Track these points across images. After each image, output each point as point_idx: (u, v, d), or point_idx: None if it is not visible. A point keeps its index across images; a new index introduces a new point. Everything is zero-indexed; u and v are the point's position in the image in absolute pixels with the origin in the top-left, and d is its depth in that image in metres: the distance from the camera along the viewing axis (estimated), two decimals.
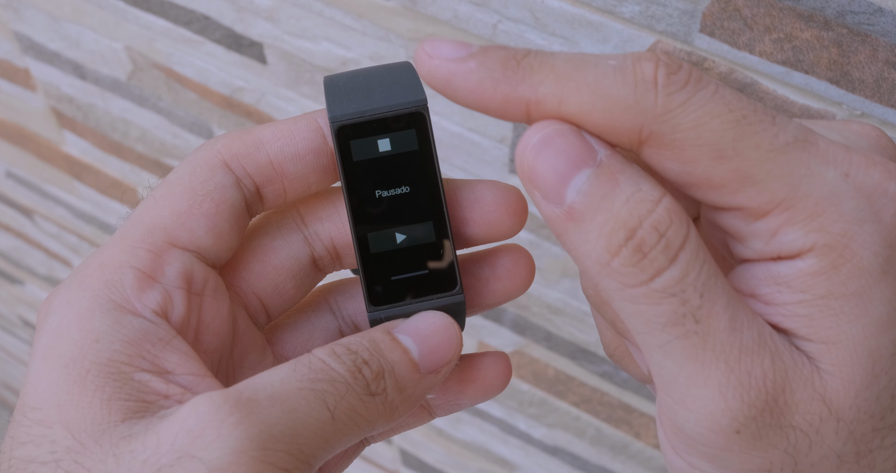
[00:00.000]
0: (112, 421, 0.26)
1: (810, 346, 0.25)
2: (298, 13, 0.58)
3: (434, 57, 0.26)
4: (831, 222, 0.24)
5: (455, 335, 0.30)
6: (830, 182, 0.24)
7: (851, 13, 0.38)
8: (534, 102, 0.25)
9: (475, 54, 0.26)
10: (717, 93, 0.24)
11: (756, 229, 0.25)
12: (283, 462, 0.25)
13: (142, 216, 0.29)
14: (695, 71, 0.25)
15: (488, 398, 0.33)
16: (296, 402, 0.26)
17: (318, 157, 0.30)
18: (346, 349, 0.28)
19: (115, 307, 0.27)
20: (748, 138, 0.24)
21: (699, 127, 0.24)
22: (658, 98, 0.24)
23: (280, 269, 0.32)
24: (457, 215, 0.31)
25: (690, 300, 0.24)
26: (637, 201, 0.24)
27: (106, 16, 0.69)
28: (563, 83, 0.25)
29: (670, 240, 0.24)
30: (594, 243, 0.24)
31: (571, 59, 0.25)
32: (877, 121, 0.41)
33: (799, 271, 0.24)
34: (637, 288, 0.24)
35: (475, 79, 0.25)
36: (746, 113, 0.24)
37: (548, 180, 0.25)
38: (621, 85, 0.24)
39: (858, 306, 0.24)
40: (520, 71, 0.25)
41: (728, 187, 0.24)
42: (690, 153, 0.24)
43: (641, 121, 0.24)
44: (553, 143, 0.25)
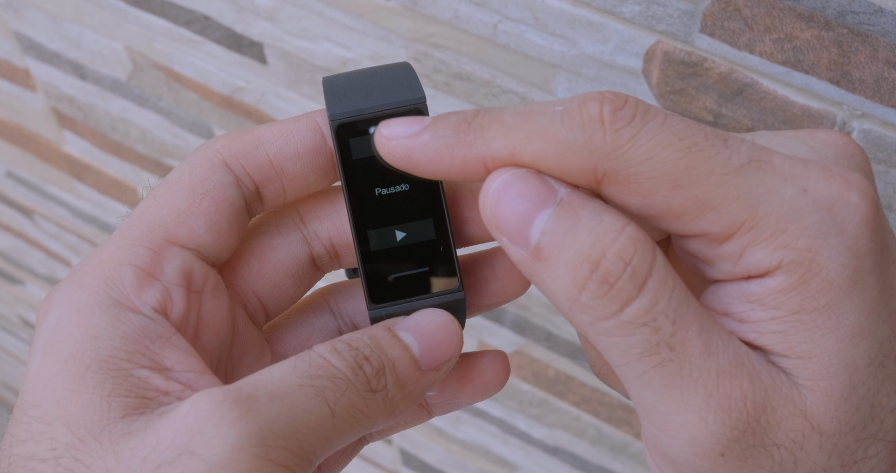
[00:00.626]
0: (111, 418, 0.26)
1: (787, 362, 0.25)
2: (298, 13, 0.58)
3: (391, 138, 0.27)
4: (795, 238, 0.24)
5: (456, 332, 0.30)
6: (790, 199, 0.24)
7: (851, 13, 0.38)
8: (489, 159, 0.26)
9: (428, 126, 0.27)
10: (665, 124, 0.24)
11: (722, 252, 0.25)
12: (283, 459, 0.25)
13: (141, 215, 0.29)
14: (641, 104, 0.25)
15: (487, 396, 0.33)
16: (296, 398, 0.26)
17: (317, 156, 0.31)
18: (347, 345, 0.28)
19: (114, 304, 0.27)
20: (701, 164, 0.24)
21: (651, 159, 0.24)
22: (606, 136, 0.24)
23: (279, 268, 0.32)
24: (456, 213, 0.31)
25: (662, 327, 0.24)
26: (599, 232, 0.24)
27: (106, 16, 0.69)
28: (513, 135, 0.25)
29: (636, 268, 0.24)
30: (561, 281, 0.24)
31: (519, 111, 0.26)
32: (877, 121, 0.41)
33: (769, 288, 0.24)
34: (608, 320, 0.24)
35: (432, 149, 0.26)
36: (697, 140, 0.24)
37: (511, 224, 0.25)
38: (569, 128, 0.24)
39: (831, 318, 0.24)
40: (471, 132, 0.26)
41: (689, 214, 0.24)
42: (646, 186, 0.24)
43: (594, 160, 0.24)
44: (512, 187, 0.25)
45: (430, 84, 0.56)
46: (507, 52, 0.50)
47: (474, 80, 0.53)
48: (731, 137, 0.25)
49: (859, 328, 0.24)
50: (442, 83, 0.55)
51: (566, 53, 0.48)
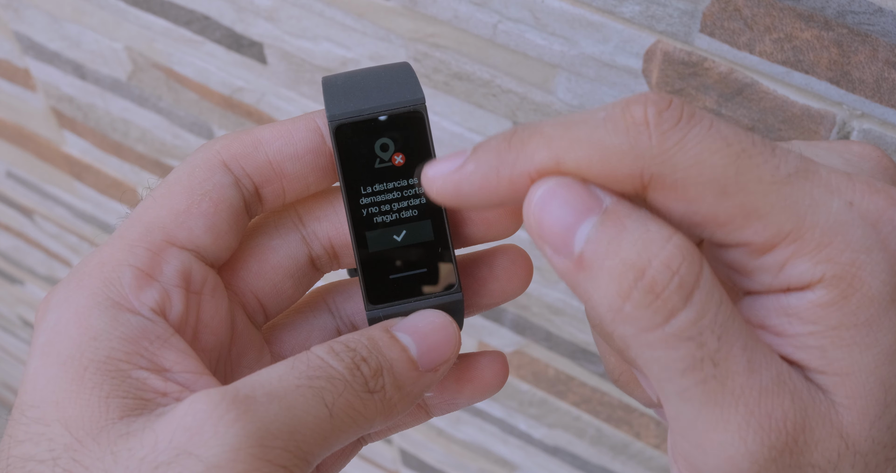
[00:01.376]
0: (110, 419, 0.26)
1: (823, 378, 0.24)
2: (298, 13, 0.58)
3: (437, 177, 0.26)
4: (839, 252, 0.24)
5: (454, 333, 0.30)
6: (836, 211, 0.24)
7: (851, 13, 0.38)
8: (535, 173, 0.25)
9: (469, 157, 0.26)
10: (713, 127, 0.24)
11: (763, 263, 0.24)
12: (281, 459, 0.25)
13: (140, 216, 0.29)
14: (687, 106, 0.24)
15: (485, 397, 0.33)
16: (294, 399, 0.26)
17: (316, 157, 0.30)
18: (345, 346, 0.28)
19: (113, 305, 0.27)
20: (750, 172, 0.24)
21: (699, 164, 0.23)
22: (653, 139, 0.24)
23: (278, 268, 0.32)
24: (455, 213, 0.31)
25: (708, 342, 0.23)
26: (645, 241, 0.23)
27: (106, 16, 0.69)
28: (556, 145, 0.25)
29: (683, 277, 0.23)
30: (605, 290, 0.24)
31: (560, 121, 0.25)
32: (877, 121, 0.41)
33: (809, 302, 0.24)
34: (653, 332, 0.23)
35: (479, 177, 0.26)
36: (745, 146, 0.24)
37: (555, 233, 0.24)
38: (613, 133, 0.24)
39: (869, 335, 0.24)
40: (512, 150, 0.25)
41: (734, 222, 0.24)
42: (693, 192, 0.24)
43: (640, 165, 0.24)
44: (556, 195, 0.24)
45: (430, 84, 0.55)
46: (507, 52, 0.50)
47: (474, 80, 0.53)
48: (778, 146, 0.24)
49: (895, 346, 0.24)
50: (442, 83, 0.55)
51: (566, 53, 0.48)
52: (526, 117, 0.53)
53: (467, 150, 0.26)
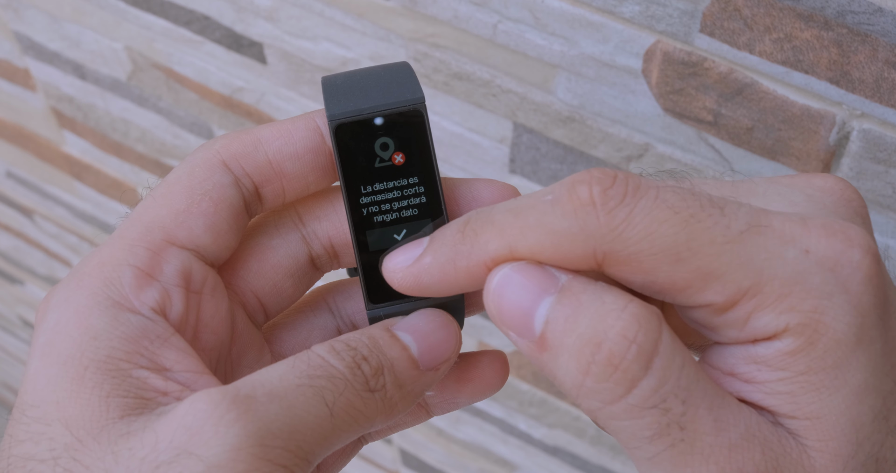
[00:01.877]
0: (110, 418, 0.26)
1: (794, 423, 0.25)
2: (298, 13, 0.58)
3: (396, 270, 0.28)
4: (800, 301, 0.24)
5: (454, 332, 0.30)
6: (792, 261, 0.24)
7: (851, 13, 0.38)
8: (490, 262, 0.26)
9: (426, 249, 0.27)
10: (659, 198, 0.24)
11: (727, 319, 0.25)
12: (282, 459, 0.25)
13: (140, 215, 0.29)
14: (631, 179, 0.24)
15: (485, 396, 0.33)
16: (294, 398, 0.26)
17: (316, 156, 0.30)
18: (346, 345, 0.28)
19: (113, 304, 0.27)
20: (701, 236, 0.24)
21: (649, 236, 0.24)
22: (600, 218, 0.24)
23: (278, 268, 0.32)
24: (455, 212, 0.31)
25: (673, 407, 0.23)
26: (601, 314, 0.24)
27: (106, 16, 0.69)
28: (507, 233, 0.25)
29: (641, 345, 0.23)
30: (566, 367, 0.24)
31: (509, 208, 0.26)
32: (876, 121, 0.41)
33: (777, 350, 0.24)
34: (616, 404, 0.24)
35: (437, 270, 0.27)
36: (693, 211, 0.24)
37: (515, 317, 0.25)
38: (562, 217, 0.24)
39: (838, 377, 0.24)
40: (466, 241, 0.26)
41: (693, 286, 0.24)
42: (648, 263, 0.24)
43: (592, 245, 0.24)
44: (512, 280, 0.25)
45: (430, 84, 0.56)
46: (506, 52, 0.50)
47: (474, 80, 0.53)
48: (727, 204, 0.25)
49: (864, 385, 0.24)
50: (442, 83, 0.55)
51: (566, 53, 0.48)
52: (526, 117, 0.53)
53: (424, 240, 0.28)
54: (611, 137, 0.51)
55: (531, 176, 0.57)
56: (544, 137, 0.54)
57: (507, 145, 0.56)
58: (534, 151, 0.55)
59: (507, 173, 0.58)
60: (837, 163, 0.44)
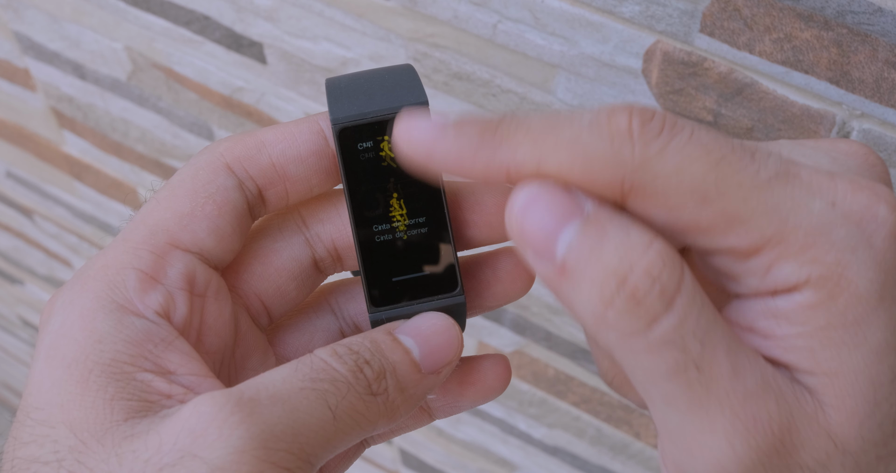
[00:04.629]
0: (114, 421, 0.26)
1: (812, 379, 0.24)
2: (298, 13, 0.58)
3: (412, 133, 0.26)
4: (824, 253, 0.24)
5: (456, 335, 0.30)
6: (818, 213, 0.24)
7: (851, 13, 0.38)
8: (514, 166, 0.25)
9: (452, 125, 0.26)
10: (693, 136, 0.24)
11: (749, 267, 0.25)
12: (285, 462, 0.25)
13: (144, 218, 0.29)
14: (669, 117, 0.24)
15: (488, 400, 0.33)
16: (297, 402, 0.26)
17: (319, 159, 0.30)
18: (348, 349, 0.28)
19: (117, 307, 0.27)
20: (730, 178, 0.24)
21: (679, 173, 0.24)
22: (635, 148, 0.24)
23: (281, 271, 0.32)
24: (458, 216, 0.31)
25: (691, 347, 0.23)
26: (627, 247, 0.23)
27: (106, 16, 0.69)
28: (540, 144, 0.25)
29: (664, 284, 0.23)
30: (587, 296, 0.24)
31: (546, 119, 0.25)
32: (876, 121, 0.41)
33: (797, 304, 0.24)
34: (636, 338, 0.23)
35: (454, 149, 0.25)
36: (725, 153, 0.24)
37: (537, 238, 0.24)
38: (597, 139, 0.24)
39: (858, 334, 0.24)
40: (496, 137, 0.25)
41: (716, 229, 0.24)
42: (674, 200, 0.24)
43: (622, 173, 0.24)
44: (538, 200, 0.25)
45: (430, 84, 0.56)
46: (506, 52, 0.50)
47: (474, 80, 0.53)
48: (758, 150, 0.25)
49: (885, 344, 0.24)
50: (442, 83, 0.55)
51: (566, 53, 0.48)
52: None
53: (448, 114, 0.26)
54: None
55: None
56: None
57: None
58: None
59: None
60: None
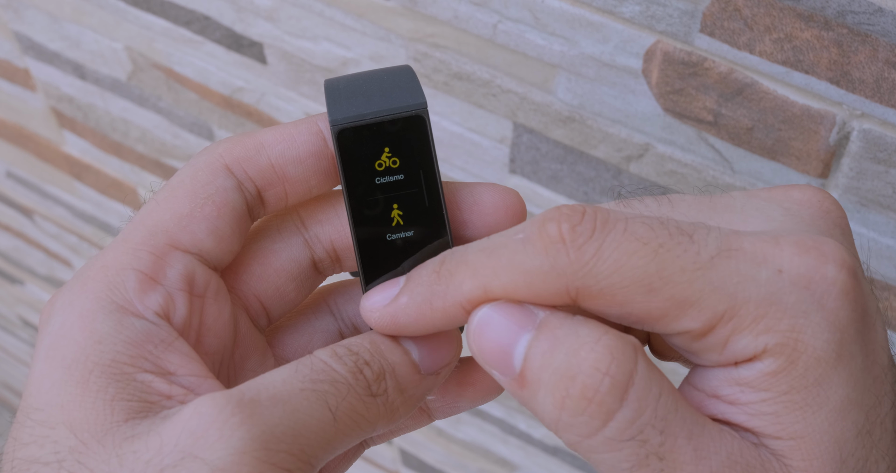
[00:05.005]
0: (115, 422, 0.26)
1: (778, 443, 0.25)
2: (298, 13, 0.58)
3: (374, 310, 0.28)
4: (777, 321, 0.24)
5: (455, 336, 0.30)
6: (765, 282, 0.24)
7: (851, 13, 0.38)
8: (465, 302, 0.26)
9: (403, 288, 0.27)
10: (627, 230, 0.24)
11: (706, 344, 0.25)
12: (285, 463, 0.25)
13: (144, 219, 0.29)
14: (599, 213, 0.24)
15: (487, 400, 0.33)
16: (297, 403, 0.26)
17: (319, 160, 0.30)
18: (348, 350, 0.28)
19: (117, 308, 0.27)
20: (671, 264, 0.24)
21: (620, 270, 0.24)
22: (570, 255, 0.24)
23: (280, 272, 0.32)
24: (456, 217, 0.31)
25: (650, 439, 0.23)
26: (575, 347, 0.24)
27: (106, 16, 0.69)
28: (481, 273, 0.25)
29: (614, 377, 0.23)
30: (543, 403, 0.24)
31: (482, 247, 0.26)
32: (877, 121, 0.41)
33: (758, 371, 0.24)
34: (594, 437, 0.24)
35: (413, 309, 0.27)
36: (662, 240, 0.24)
37: (495, 356, 0.25)
38: (532, 255, 0.24)
39: (819, 395, 0.24)
40: (441, 281, 0.26)
41: (668, 315, 0.24)
42: (621, 296, 0.24)
43: (564, 282, 0.24)
44: (491, 319, 0.25)
45: (430, 84, 0.56)
46: (506, 52, 0.50)
47: (474, 80, 0.53)
48: (696, 230, 0.25)
49: (847, 400, 0.24)
50: (442, 83, 0.55)
51: (566, 53, 0.48)
52: (526, 117, 0.53)
53: (400, 280, 0.28)
54: (611, 137, 0.51)
55: (531, 176, 0.57)
56: (544, 137, 0.54)
57: (507, 145, 0.56)
58: (534, 151, 0.55)
59: (507, 173, 0.58)
60: (837, 163, 0.44)
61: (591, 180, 0.54)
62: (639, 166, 0.51)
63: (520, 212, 0.31)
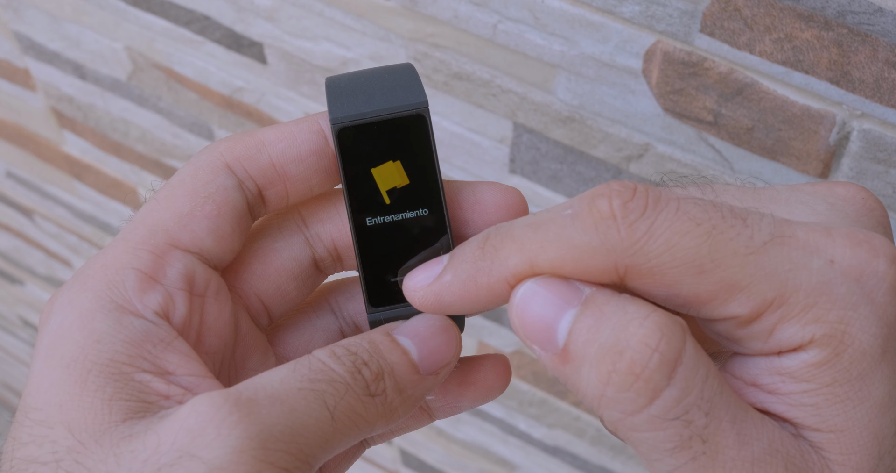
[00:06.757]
0: (113, 421, 0.26)
1: (817, 436, 0.24)
2: (298, 13, 0.58)
3: (417, 288, 0.28)
4: (826, 312, 0.24)
5: (454, 336, 0.30)
6: (817, 272, 0.24)
7: (851, 13, 0.38)
8: (511, 278, 0.25)
9: (446, 266, 0.27)
10: (680, 210, 0.24)
11: (751, 331, 0.24)
12: (283, 462, 0.25)
13: (144, 218, 0.29)
14: (651, 191, 0.24)
15: (488, 400, 0.33)
16: (295, 402, 0.26)
17: (319, 159, 0.30)
18: (346, 350, 0.28)
19: (116, 307, 0.27)
20: (724, 247, 0.24)
21: (671, 249, 0.24)
22: (621, 232, 0.24)
23: (281, 270, 0.32)
24: (457, 216, 0.31)
25: (695, 420, 0.23)
26: (623, 323, 0.23)
27: (106, 16, 0.69)
28: (528, 248, 0.25)
29: (664, 354, 0.23)
30: (588, 378, 0.24)
31: (529, 222, 0.25)
32: (877, 121, 0.41)
33: (802, 362, 0.24)
34: (638, 415, 0.23)
35: (458, 287, 0.27)
36: (716, 222, 0.24)
37: (538, 330, 0.25)
38: (582, 231, 0.24)
39: (862, 390, 0.24)
40: (486, 257, 0.26)
41: (717, 299, 0.24)
42: (671, 276, 0.24)
43: (613, 259, 0.24)
44: (536, 294, 0.25)
45: (430, 84, 0.56)
46: (506, 52, 0.50)
47: (474, 80, 0.53)
48: (750, 215, 0.24)
49: (888, 398, 0.24)
50: (442, 83, 0.55)
51: (566, 53, 0.48)
52: (526, 117, 0.53)
53: (444, 258, 0.27)
54: (611, 137, 0.51)
55: (531, 176, 0.57)
56: (544, 137, 0.54)
57: (507, 145, 0.56)
58: (534, 151, 0.55)
59: (507, 173, 0.58)
60: (837, 163, 0.44)
61: (592, 180, 0.54)
62: (639, 166, 0.51)
63: (522, 211, 0.31)
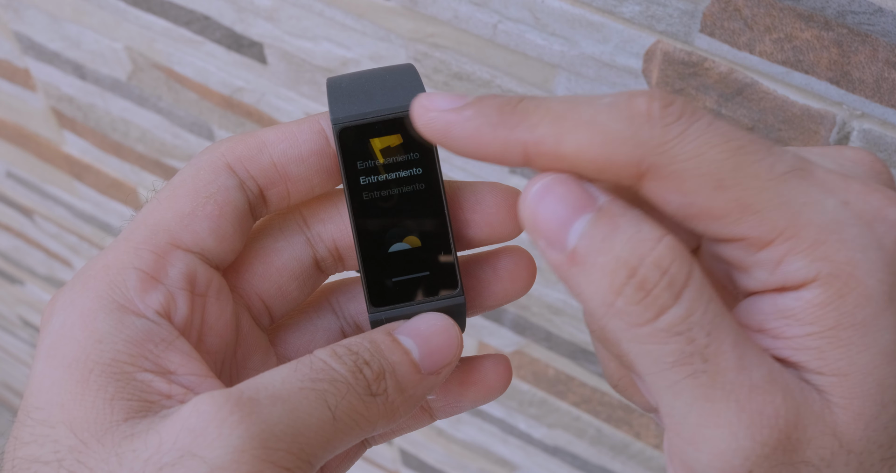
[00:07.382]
0: (114, 421, 0.26)
1: (821, 379, 0.25)
2: (298, 13, 0.58)
3: (431, 109, 0.27)
4: (835, 251, 0.24)
5: (455, 336, 0.30)
6: (831, 210, 0.24)
7: (851, 13, 0.38)
8: (532, 144, 0.25)
9: (471, 103, 0.26)
10: (713, 124, 0.24)
11: (759, 259, 0.25)
12: (284, 461, 0.25)
13: (145, 218, 0.29)
14: (689, 104, 0.25)
15: (489, 400, 0.33)
16: (297, 402, 0.26)
17: (321, 159, 0.30)
18: (347, 349, 0.28)
19: (118, 307, 0.27)
20: (747, 167, 0.24)
21: (698, 157, 0.24)
22: (654, 130, 0.24)
23: (283, 270, 0.32)
24: (458, 216, 0.31)
25: (697, 338, 0.24)
26: (638, 240, 0.24)
27: (106, 16, 0.69)
28: (560, 123, 0.25)
29: (673, 277, 0.24)
30: (597, 285, 0.24)
31: (566, 100, 0.25)
32: (877, 121, 0.41)
33: (806, 302, 0.24)
34: (643, 327, 0.24)
35: (473, 126, 0.26)
36: (743, 143, 0.24)
37: (550, 226, 0.25)
38: (617, 120, 0.24)
39: (867, 335, 0.24)
40: (516, 114, 0.26)
41: (729, 216, 0.24)
42: (690, 184, 0.24)
43: (640, 153, 0.24)
44: (552, 190, 0.25)
45: (430, 84, 0.56)
46: (506, 52, 0.50)
47: (474, 80, 0.53)
48: (775, 145, 0.25)
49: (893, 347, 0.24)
50: (442, 83, 0.55)
51: (566, 53, 0.48)
52: None
53: (468, 95, 0.27)
54: None
55: (531, 176, 0.57)
56: None
57: None
58: None
59: (508, 173, 0.58)
60: None
61: None
62: None
63: None
